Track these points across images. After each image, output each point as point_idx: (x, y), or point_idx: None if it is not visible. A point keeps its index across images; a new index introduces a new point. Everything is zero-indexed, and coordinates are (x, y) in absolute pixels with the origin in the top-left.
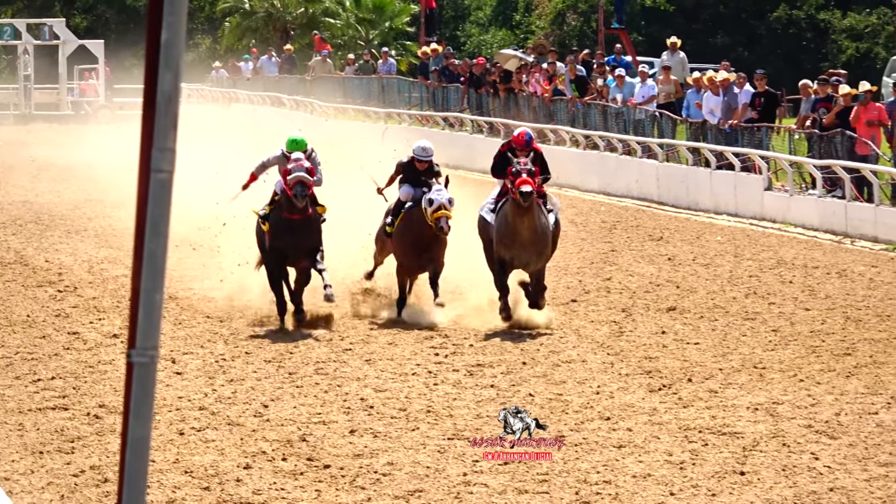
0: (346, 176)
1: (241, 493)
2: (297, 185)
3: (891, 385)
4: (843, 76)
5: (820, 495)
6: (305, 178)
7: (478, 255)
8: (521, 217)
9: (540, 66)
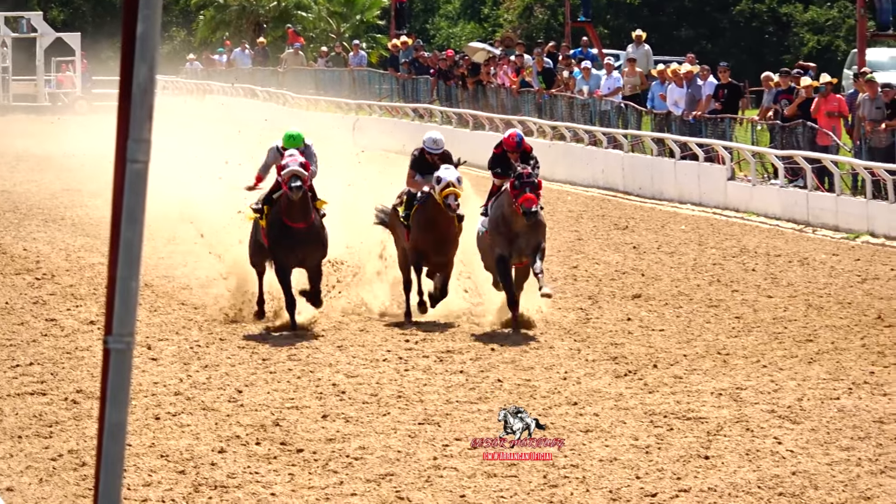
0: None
1: (216, 477)
2: (292, 179)
3: (852, 371)
4: (813, 68)
5: (783, 479)
6: (300, 172)
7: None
8: (518, 214)
9: (508, 59)
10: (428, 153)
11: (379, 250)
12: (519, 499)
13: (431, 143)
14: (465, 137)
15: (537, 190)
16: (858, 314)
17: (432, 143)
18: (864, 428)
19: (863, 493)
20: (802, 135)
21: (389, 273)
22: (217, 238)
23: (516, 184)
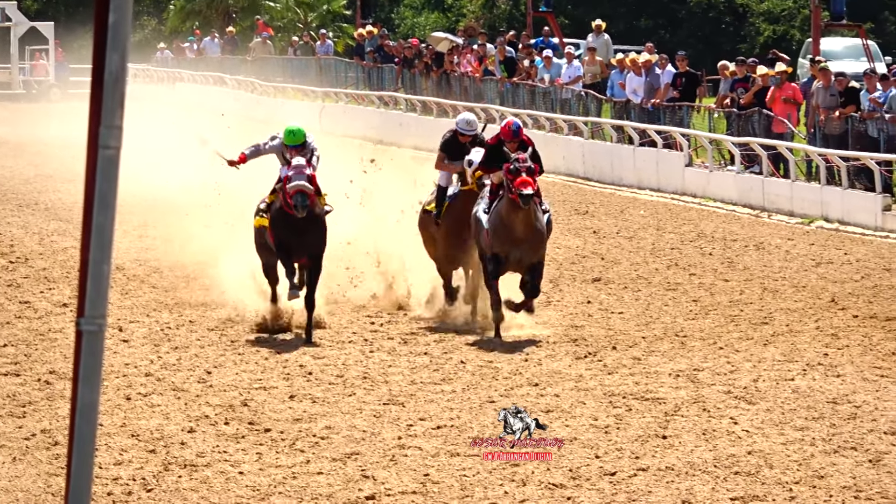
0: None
1: (186, 456)
2: (298, 196)
3: (806, 353)
4: (784, 59)
5: (738, 458)
6: (307, 188)
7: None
8: (517, 213)
9: (470, 48)
10: (461, 134)
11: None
12: (481, 477)
13: (465, 124)
14: (430, 124)
15: (533, 175)
16: (813, 297)
17: (465, 124)
18: (817, 408)
19: (816, 472)
20: (758, 122)
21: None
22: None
23: (512, 168)
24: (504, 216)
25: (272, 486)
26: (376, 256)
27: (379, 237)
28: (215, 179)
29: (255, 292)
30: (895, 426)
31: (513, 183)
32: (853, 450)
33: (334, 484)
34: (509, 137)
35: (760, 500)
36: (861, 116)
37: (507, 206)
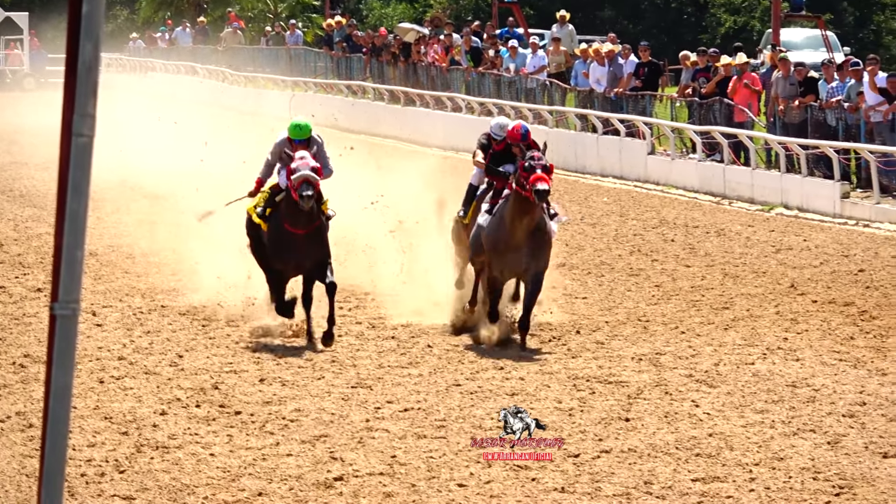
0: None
1: (158, 438)
2: (303, 185)
3: (766, 337)
4: (771, 58)
5: (700, 440)
6: (311, 177)
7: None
8: (522, 217)
9: (437, 38)
10: (494, 140)
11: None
12: (447, 459)
13: (498, 129)
14: (397, 113)
15: (549, 172)
16: (772, 283)
17: (499, 129)
18: (777, 392)
19: (776, 454)
20: (719, 111)
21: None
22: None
23: (526, 166)
24: (506, 219)
25: (242, 468)
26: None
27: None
28: (195, 166)
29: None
30: (853, 409)
31: (527, 180)
32: (812, 432)
33: (303, 465)
34: (517, 140)
35: (721, 481)
36: (820, 106)
37: (512, 207)
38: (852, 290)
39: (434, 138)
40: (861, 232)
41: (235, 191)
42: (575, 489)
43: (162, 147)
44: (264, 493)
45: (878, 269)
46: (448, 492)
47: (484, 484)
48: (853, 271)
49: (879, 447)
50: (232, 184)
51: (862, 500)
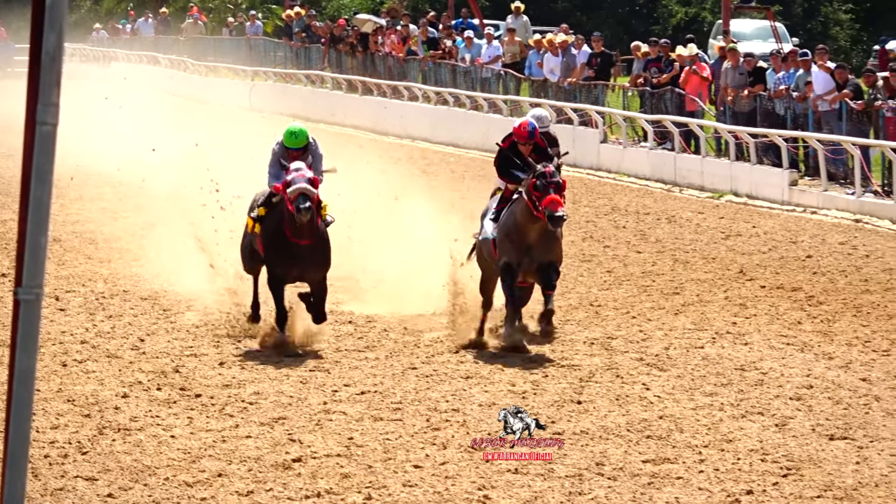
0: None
1: (120, 420)
2: (300, 198)
3: (715, 321)
4: (719, 49)
5: (650, 422)
6: (309, 191)
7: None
8: (533, 223)
9: (394, 29)
10: None
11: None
12: (403, 440)
13: (536, 120)
14: (355, 102)
15: (562, 191)
16: (722, 269)
17: (537, 120)
18: (726, 375)
19: (725, 436)
20: (670, 101)
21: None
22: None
23: (538, 184)
24: (518, 224)
25: (202, 449)
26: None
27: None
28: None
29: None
30: (800, 392)
31: (540, 201)
32: (760, 414)
33: (262, 447)
34: (524, 139)
35: (671, 462)
36: (769, 95)
37: (522, 212)
38: (800, 276)
39: (391, 127)
40: (809, 219)
41: (194, 177)
42: (528, 470)
43: (121, 135)
44: (224, 473)
45: (825, 255)
46: (404, 473)
47: (439, 465)
48: (801, 257)
49: (826, 429)
50: (190, 170)
51: (809, 481)
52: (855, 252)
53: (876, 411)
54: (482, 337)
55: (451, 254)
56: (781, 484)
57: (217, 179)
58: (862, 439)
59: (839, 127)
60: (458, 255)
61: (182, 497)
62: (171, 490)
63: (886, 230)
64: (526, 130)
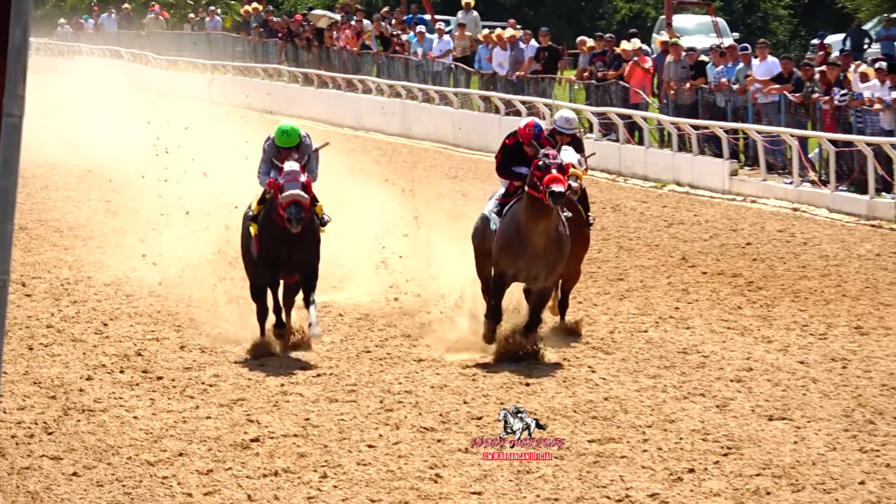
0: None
1: (84, 402)
2: (292, 207)
3: (658, 306)
4: (661, 43)
5: (596, 403)
6: (301, 198)
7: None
8: (537, 221)
9: (348, 24)
10: (559, 134)
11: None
12: (358, 421)
13: (564, 122)
14: (311, 95)
15: (565, 172)
16: (665, 255)
17: (565, 122)
18: (669, 358)
19: (668, 417)
20: (615, 93)
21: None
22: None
23: (540, 164)
24: (520, 222)
25: (164, 430)
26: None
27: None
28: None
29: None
30: (740, 374)
31: (541, 181)
32: (702, 396)
33: (221, 427)
34: (529, 140)
35: (616, 442)
36: (710, 88)
37: (525, 210)
38: (740, 263)
39: (346, 118)
40: (748, 207)
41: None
42: (478, 450)
43: (88, 126)
44: (185, 453)
45: (764, 242)
46: (358, 452)
47: (392, 445)
48: (741, 244)
49: (765, 410)
50: (150, 159)
51: (748, 460)
52: (793, 239)
53: (813, 393)
54: (497, 318)
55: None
56: (722, 462)
57: (173, 167)
58: (800, 419)
59: (778, 119)
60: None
61: (144, 475)
62: (133, 469)
63: (823, 218)
64: (531, 132)
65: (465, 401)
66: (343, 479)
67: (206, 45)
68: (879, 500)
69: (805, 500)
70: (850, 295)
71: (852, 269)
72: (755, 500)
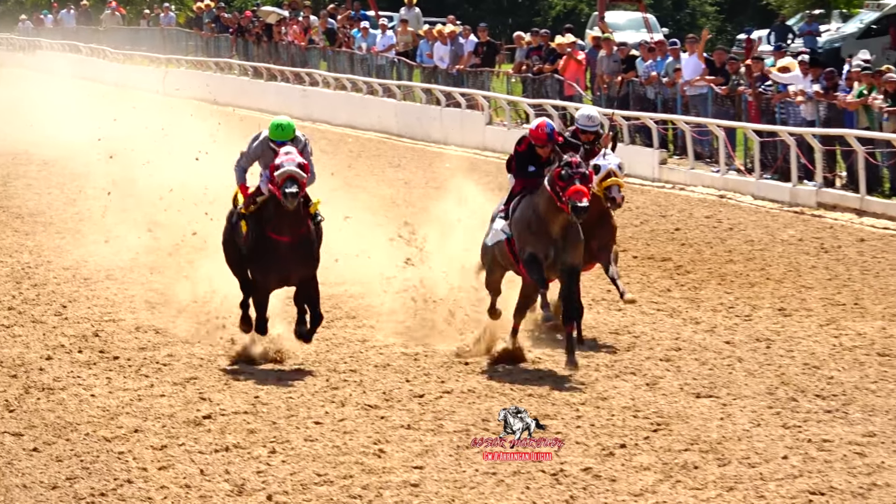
0: None
1: (44, 380)
2: (287, 182)
3: (591, 289)
4: (592, 39)
5: (532, 382)
6: (297, 174)
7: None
8: (556, 215)
9: (296, 20)
10: (582, 132)
11: None
12: (305, 399)
13: (586, 119)
14: (261, 87)
15: (588, 182)
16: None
17: (587, 119)
18: (601, 338)
19: (600, 394)
20: (550, 86)
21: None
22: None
23: (563, 174)
24: (540, 215)
25: (120, 407)
26: None
27: None
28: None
29: None
30: (669, 354)
31: (564, 192)
32: (633, 374)
33: (175, 405)
34: (542, 141)
35: (551, 418)
36: (640, 81)
37: (545, 204)
38: (669, 247)
39: (294, 110)
40: (677, 195)
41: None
42: (420, 426)
43: (48, 118)
44: (140, 429)
45: (692, 228)
46: (306, 428)
47: (338, 422)
48: (670, 230)
49: (693, 388)
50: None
51: (677, 436)
52: (720, 225)
53: (739, 371)
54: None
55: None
56: (652, 438)
57: (129, 157)
58: (726, 397)
59: (705, 110)
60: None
61: (101, 451)
62: (91, 444)
63: (748, 205)
64: (544, 132)
65: (408, 379)
66: (291, 455)
67: (160, 40)
68: (801, 473)
69: (731, 473)
70: (773, 278)
71: (776, 254)
72: (683, 474)
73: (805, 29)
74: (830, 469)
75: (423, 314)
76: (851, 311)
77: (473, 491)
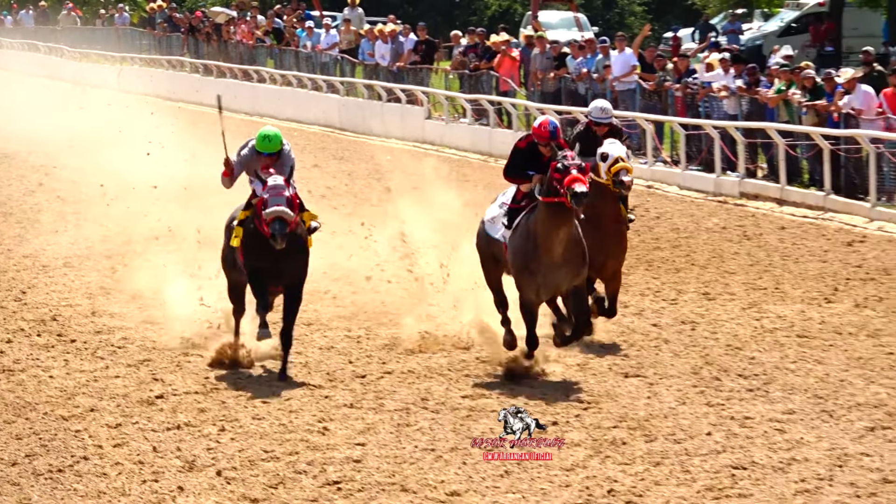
0: None
1: (4, 363)
2: (276, 223)
3: None
4: (525, 37)
5: (468, 363)
6: (286, 215)
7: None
8: (556, 229)
9: (244, 19)
10: (595, 125)
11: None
12: (252, 379)
13: (599, 111)
14: (211, 84)
15: (585, 173)
16: None
17: (600, 111)
18: (540, 320)
19: (533, 375)
20: (486, 82)
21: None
22: None
23: (559, 167)
24: (538, 231)
25: (77, 388)
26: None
27: None
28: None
29: None
30: (599, 336)
31: (561, 182)
32: (564, 356)
33: (129, 385)
34: (545, 140)
35: (486, 398)
36: (572, 78)
37: (542, 221)
38: None
39: (243, 105)
40: None
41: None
42: (362, 405)
43: (8, 113)
44: (96, 409)
45: None
46: (254, 407)
47: (284, 401)
48: None
49: (621, 368)
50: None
51: (606, 413)
52: (647, 214)
53: (665, 352)
54: (534, 345)
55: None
56: (583, 416)
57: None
58: (652, 377)
59: (634, 104)
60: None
61: (59, 429)
62: (49, 423)
63: (674, 195)
64: (547, 130)
65: (350, 361)
66: (239, 432)
67: (115, 39)
68: (724, 448)
69: (657, 449)
70: (698, 264)
71: (700, 241)
72: (612, 450)
73: (728, 27)
74: (752, 445)
75: (363, 297)
76: (772, 294)
77: (413, 466)
